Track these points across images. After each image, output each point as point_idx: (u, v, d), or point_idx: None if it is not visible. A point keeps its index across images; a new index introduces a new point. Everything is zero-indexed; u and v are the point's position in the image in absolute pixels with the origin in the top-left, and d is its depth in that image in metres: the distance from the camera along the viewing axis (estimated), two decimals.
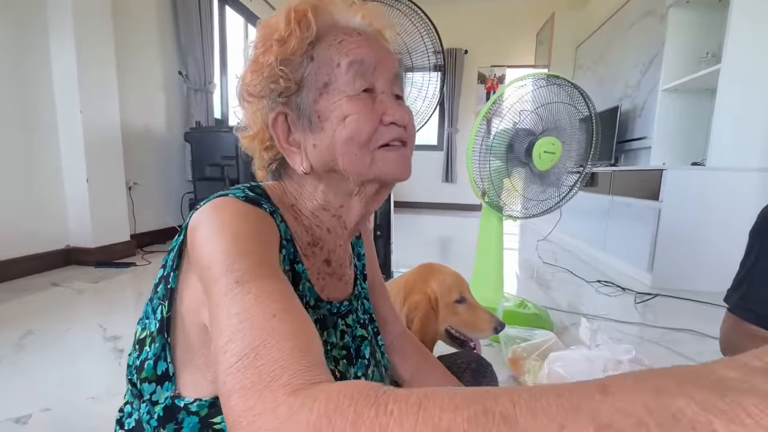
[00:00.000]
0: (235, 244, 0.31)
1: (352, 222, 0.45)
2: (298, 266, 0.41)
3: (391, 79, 0.41)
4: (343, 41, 0.40)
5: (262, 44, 0.40)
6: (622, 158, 3.33)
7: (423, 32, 1.62)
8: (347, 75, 0.39)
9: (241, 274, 0.29)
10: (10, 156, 1.95)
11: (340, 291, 0.47)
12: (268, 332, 0.25)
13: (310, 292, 0.42)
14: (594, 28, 3.95)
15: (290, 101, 0.40)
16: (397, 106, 0.41)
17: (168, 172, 3.09)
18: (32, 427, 0.91)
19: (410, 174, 0.42)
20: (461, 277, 0.95)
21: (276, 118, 0.41)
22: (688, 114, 2.59)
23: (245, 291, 0.28)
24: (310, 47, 0.39)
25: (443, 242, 3.63)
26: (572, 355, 1.05)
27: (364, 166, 0.39)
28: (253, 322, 0.26)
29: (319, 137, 0.39)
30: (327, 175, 0.41)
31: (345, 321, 0.47)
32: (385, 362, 0.52)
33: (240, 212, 0.34)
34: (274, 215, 0.38)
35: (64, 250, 2.23)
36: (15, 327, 1.42)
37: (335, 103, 0.39)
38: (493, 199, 1.52)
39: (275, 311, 0.27)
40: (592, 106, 1.43)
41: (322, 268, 0.45)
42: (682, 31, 2.51)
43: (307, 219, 0.44)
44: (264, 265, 0.31)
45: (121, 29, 2.48)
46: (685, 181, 2.11)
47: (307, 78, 0.39)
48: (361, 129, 0.38)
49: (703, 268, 2.12)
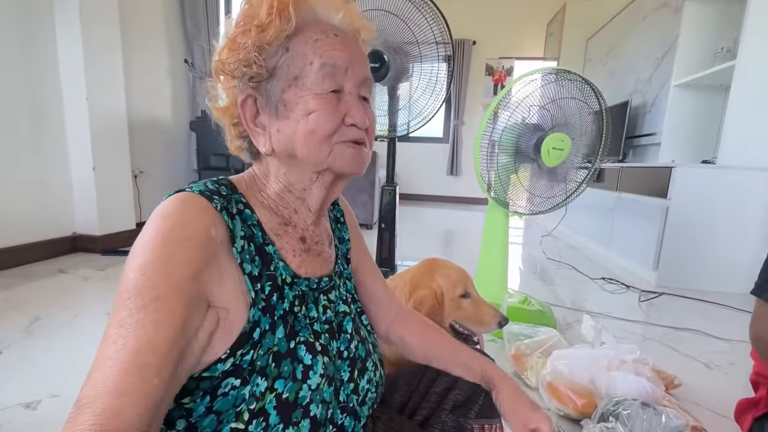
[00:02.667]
0: (141, 275, 0.33)
1: (315, 205, 0.47)
2: (269, 248, 0.43)
3: (359, 83, 0.43)
4: (318, 40, 0.41)
5: (242, 24, 0.41)
6: (630, 154, 3.29)
7: (432, 22, 1.59)
8: (317, 74, 0.41)
9: (126, 315, 0.31)
10: (18, 144, 1.96)
11: (320, 267, 0.49)
12: (110, 392, 0.28)
13: (284, 270, 0.43)
14: (606, 20, 3.87)
15: (260, 86, 0.42)
16: (361, 108, 0.43)
17: (173, 161, 3.09)
18: (41, 412, 0.93)
19: (364, 170, 0.45)
20: (466, 273, 0.94)
21: (245, 100, 0.42)
22: (700, 111, 2.54)
23: (113, 339, 0.31)
24: (287, 39, 0.41)
25: (448, 235, 3.63)
26: (576, 354, 1.05)
27: (321, 157, 0.42)
28: (106, 376, 0.29)
29: (284, 124, 0.42)
30: (288, 159, 0.44)
31: (327, 296, 0.48)
32: (372, 340, 0.54)
33: (168, 230, 0.35)
34: (224, 211, 0.39)
35: (71, 237, 2.25)
36: (23, 313, 1.44)
37: (302, 97, 0.41)
38: (500, 195, 1.51)
39: (133, 366, 0.30)
40: (603, 103, 1.41)
41: (297, 246, 0.47)
42: (697, 25, 2.45)
43: (274, 201, 0.46)
44: (159, 302, 0.32)
45: (127, 17, 2.46)
46: (694, 179, 2.08)
47: (280, 68, 0.41)
48: (323, 126, 0.41)
49: (710, 267, 2.10)
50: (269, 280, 0.41)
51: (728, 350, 1.42)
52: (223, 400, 0.36)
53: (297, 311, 0.43)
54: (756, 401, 0.74)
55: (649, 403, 0.84)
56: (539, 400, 1.05)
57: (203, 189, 0.40)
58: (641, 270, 2.36)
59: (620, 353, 1.03)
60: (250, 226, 0.42)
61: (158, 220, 0.36)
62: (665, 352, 1.40)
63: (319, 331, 0.45)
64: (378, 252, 1.95)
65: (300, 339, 0.41)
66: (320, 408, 0.41)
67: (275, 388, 0.38)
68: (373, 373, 0.50)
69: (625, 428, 0.79)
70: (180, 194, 0.38)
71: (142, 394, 0.29)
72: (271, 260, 0.42)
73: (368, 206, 3.30)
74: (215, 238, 0.37)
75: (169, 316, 0.32)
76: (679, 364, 1.30)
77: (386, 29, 1.59)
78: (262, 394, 0.37)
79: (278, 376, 0.38)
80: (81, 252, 2.27)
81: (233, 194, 0.42)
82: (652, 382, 0.94)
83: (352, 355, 0.48)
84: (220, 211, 0.38)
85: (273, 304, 0.41)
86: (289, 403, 0.38)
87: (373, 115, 0.46)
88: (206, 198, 0.38)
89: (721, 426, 0.97)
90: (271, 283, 0.41)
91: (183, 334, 0.33)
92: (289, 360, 0.39)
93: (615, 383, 0.94)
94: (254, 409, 0.36)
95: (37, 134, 2.05)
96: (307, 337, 0.42)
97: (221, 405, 0.36)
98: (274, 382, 0.38)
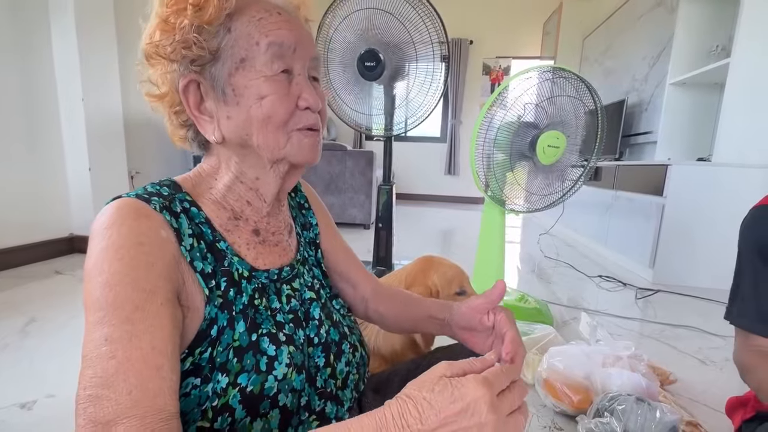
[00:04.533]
0: (110, 291, 0.32)
1: (270, 195, 0.46)
2: (220, 244, 0.42)
3: (308, 62, 0.42)
4: (262, 19, 0.39)
5: (174, 3, 0.38)
6: (626, 152, 3.30)
7: (427, 22, 1.59)
8: (265, 55, 0.39)
9: (111, 331, 0.31)
10: (13, 144, 1.95)
11: (279, 257, 0.48)
12: (143, 397, 0.30)
13: (240, 264, 0.42)
14: (602, 19, 3.88)
15: (204, 70, 0.40)
16: (312, 90, 0.42)
17: (170, 161, 3.08)
18: (37, 412, 0.93)
19: (319, 159, 0.44)
20: (461, 270, 0.95)
21: (187, 85, 0.40)
22: (696, 109, 2.55)
23: (110, 354, 0.31)
24: (228, 19, 0.39)
25: (445, 235, 3.63)
26: (571, 350, 1.05)
27: (278, 146, 0.41)
28: (128, 390, 0.30)
29: (234, 111, 0.40)
30: (240, 148, 0.42)
31: (291, 285, 0.47)
32: (347, 323, 0.53)
33: (118, 240, 0.34)
34: (165, 210, 0.38)
35: (68, 238, 2.24)
36: (19, 314, 1.44)
37: (252, 80, 0.39)
38: (496, 193, 1.51)
39: (151, 370, 0.31)
40: (598, 101, 1.41)
41: (251, 239, 0.45)
42: (691, 24, 2.47)
43: (223, 195, 0.44)
44: (140, 311, 0.32)
45: (122, 17, 2.45)
46: (690, 176, 2.09)
47: (223, 49, 0.39)
48: (277, 111, 0.40)
49: (706, 265, 2.11)
50: (224, 276, 0.41)
51: (723, 346, 1.43)
52: (186, 400, 0.36)
53: (258, 304, 0.42)
54: (745, 401, 0.74)
55: (644, 398, 0.85)
56: (536, 397, 1.05)
57: (141, 193, 0.39)
58: (638, 267, 2.37)
59: (615, 349, 1.03)
60: (198, 224, 0.41)
61: (104, 231, 0.35)
62: (661, 348, 1.40)
63: (282, 321, 0.44)
64: (375, 251, 1.95)
65: (262, 331, 0.41)
66: (290, 397, 0.40)
67: (238, 383, 0.37)
68: (351, 355, 0.49)
69: (619, 423, 0.80)
70: (116, 202, 0.37)
71: (170, 390, 0.32)
72: (224, 256, 0.42)
73: (365, 206, 3.30)
74: (167, 239, 0.36)
75: (157, 320, 0.33)
76: (675, 360, 1.30)
77: (382, 28, 1.59)
78: (224, 389, 0.36)
79: (241, 371, 0.38)
80: (78, 253, 2.26)
81: (177, 194, 0.41)
82: (647, 378, 0.95)
83: (323, 340, 0.47)
84: (160, 211, 0.37)
85: (231, 300, 0.40)
86: (255, 395, 0.38)
87: (324, 96, 0.45)
88: (144, 201, 0.37)
89: (716, 421, 0.97)
90: (227, 279, 0.41)
91: (176, 328, 0.34)
92: (252, 353, 0.39)
93: (610, 379, 0.94)
94: (217, 406, 0.36)
95: (33, 135, 2.04)
96: (270, 328, 0.42)
97: (185, 405, 0.36)
98: (237, 377, 0.37)
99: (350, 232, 3.25)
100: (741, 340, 0.65)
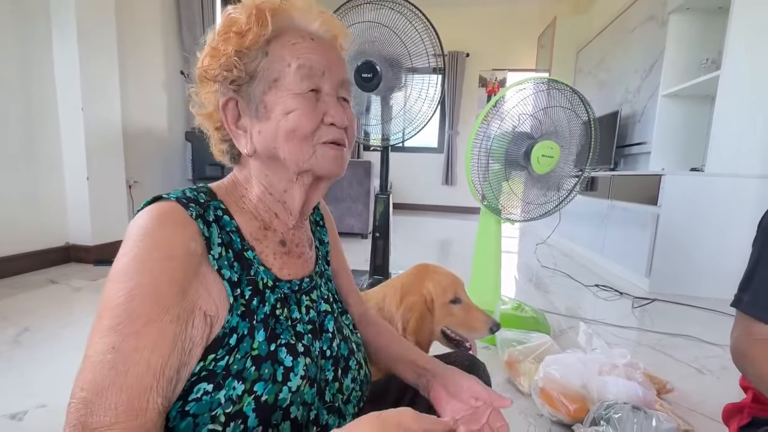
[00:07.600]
0: (132, 300, 0.34)
1: (295, 208, 0.48)
2: (248, 253, 0.43)
3: (337, 84, 0.45)
4: (296, 44, 0.43)
5: (223, 33, 0.42)
6: (621, 163, 3.33)
7: (423, 35, 1.63)
8: (295, 75, 0.42)
9: (120, 341, 0.33)
10: (12, 153, 1.96)
11: (301, 268, 0.50)
12: (125, 418, 0.32)
13: (266, 274, 0.44)
14: (595, 32, 3.96)
15: (241, 90, 0.43)
16: (340, 108, 0.44)
17: (169, 170, 3.09)
18: (28, 423, 0.91)
19: (344, 172, 0.46)
20: (457, 278, 0.95)
21: (227, 103, 0.44)
22: (688, 120, 2.59)
23: (112, 364, 0.32)
24: (266, 44, 0.42)
25: (442, 244, 3.64)
26: (568, 359, 1.05)
27: (303, 157, 0.43)
28: (116, 404, 0.32)
29: (265, 125, 0.43)
30: (269, 161, 0.45)
31: (309, 296, 0.49)
32: (355, 338, 0.54)
33: (150, 251, 0.36)
34: (199, 219, 0.39)
35: (64, 247, 2.23)
36: (12, 324, 1.42)
37: (282, 97, 0.42)
38: (492, 202, 1.53)
39: (140, 391, 0.32)
40: (591, 111, 1.44)
41: (278, 249, 0.47)
42: (682, 37, 2.52)
43: (255, 205, 0.46)
44: (150, 326, 0.34)
45: (124, 28, 2.49)
46: (683, 186, 2.11)
47: (260, 71, 0.42)
48: (303, 124, 0.42)
49: (701, 273, 2.12)
50: (249, 285, 0.42)
51: (720, 355, 1.43)
52: (198, 405, 0.36)
53: (279, 314, 0.43)
54: (741, 407, 0.74)
55: (640, 406, 0.85)
56: (532, 406, 1.04)
57: (180, 196, 0.40)
58: (634, 277, 2.37)
59: (612, 358, 1.03)
60: (228, 233, 0.42)
61: (138, 239, 0.36)
62: (658, 357, 1.40)
63: (302, 332, 0.45)
64: (372, 260, 1.95)
65: (281, 341, 0.42)
66: (301, 410, 0.41)
67: (254, 391, 0.38)
68: (357, 372, 0.50)
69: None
70: (156, 205, 0.39)
71: (154, 412, 0.33)
72: (251, 265, 0.43)
73: (363, 216, 3.31)
74: (195, 251, 0.38)
75: (161, 338, 0.34)
76: (672, 369, 1.30)
77: (378, 41, 1.62)
78: (239, 397, 0.37)
79: (258, 379, 0.38)
80: (74, 262, 2.25)
81: (212, 201, 0.43)
82: (643, 386, 0.94)
83: (334, 354, 0.48)
84: (195, 218, 0.39)
85: (253, 309, 0.41)
86: (269, 405, 0.38)
87: (353, 116, 0.47)
88: (182, 206, 0.39)
89: (713, 430, 0.97)
90: (252, 287, 0.42)
91: (175, 349, 0.35)
92: (270, 362, 0.40)
93: (606, 387, 0.94)
94: (231, 412, 0.36)
95: (32, 143, 2.05)
96: (289, 339, 0.42)
97: (196, 409, 0.36)
98: (253, 385, 0.38)
99: (348, 241, 3.25)
100: (745, 330, 0.65)
